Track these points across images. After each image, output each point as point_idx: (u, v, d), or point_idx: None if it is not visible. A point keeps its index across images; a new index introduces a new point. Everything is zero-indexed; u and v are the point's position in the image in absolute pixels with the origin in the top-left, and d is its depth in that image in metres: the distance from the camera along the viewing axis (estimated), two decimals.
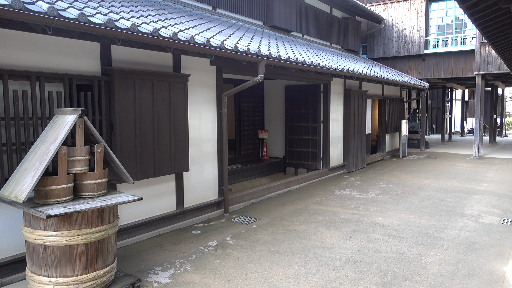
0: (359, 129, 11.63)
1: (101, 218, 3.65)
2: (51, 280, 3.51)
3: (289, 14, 10.71)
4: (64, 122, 3.65)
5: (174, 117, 5.59)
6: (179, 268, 4.53)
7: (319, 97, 10.20)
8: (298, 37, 11.56)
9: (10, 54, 4.06)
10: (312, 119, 10.27)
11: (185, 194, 6.12)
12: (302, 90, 10.36)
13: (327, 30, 13.10)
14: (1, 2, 3.12)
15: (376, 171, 11.40)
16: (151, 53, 5.45)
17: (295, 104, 10.49)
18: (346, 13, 14.15)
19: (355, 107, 11.34)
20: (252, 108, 10.82)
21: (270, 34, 9.55)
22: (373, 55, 16.54)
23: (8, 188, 3.53)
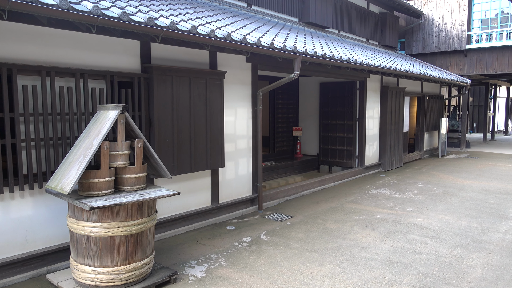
0: (396, 127, 11.34)
1: (140, 211, 3.75)
2: (93, 270, 3.65)
3: (325, 10, 10.57)
4: (107, 117, 3.78)
5: (210, 114, 5.66)
6: (214, 262, 4.59)
7: (355, 94, 10.02)
8: (334, 33, 11.39)
9: (57, 52, 4.24)
10: (347, 116, 10.11)
11: (220, 190, 6.19)
12: (337, 87, 10.22)
13: (364, 26, 12.84)
14: (49, 2, 3.26)
15: (413, 170, 11.08)
16: (189, 51, 5.54)
17: (330, 101, 10.36)
18: (383, 8, 13.80)
19: (392, 104, 11.05)
20: (286, 105, 10.78)
21: (306, 30, 9.46)
22: (412, 51, 16.05)
23: (54, 180, 3.70)
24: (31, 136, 4.05)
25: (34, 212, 4.17)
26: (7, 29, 3.88)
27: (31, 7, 3.16)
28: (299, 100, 11.15)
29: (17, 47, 3.95)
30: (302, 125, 11.10)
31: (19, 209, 4.08)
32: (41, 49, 4.12)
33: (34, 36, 4.05)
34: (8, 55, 3.89)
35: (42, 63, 4.12)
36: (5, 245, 4.00)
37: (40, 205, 4.21)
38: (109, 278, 3.66)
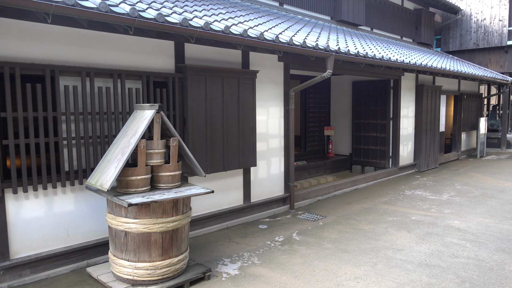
0: (432, 127, 11.01)
1: (175, 209, 3.82)
2: (131, 264, 3.75)
3: (357, 8, 10.40)
4: (143, 117, 3.87)
5: (243, 113, 5.69)
6: (247, 261, 4.61)
7: (388, 93, 9.81)
8: (367, 31, 11.19)
9: (96, 54, 4.39)
10: (381, 115, 9.91)
11: (252, 189, 6.22)
12: (370, 86, 10.04)
13: (398, 23, 12.54)
14: (89, 5, 3.38)
15: (450, 171, 10.72)
16: (221, 50, 5.60)
17: (363, 100, 10.19)
18: (418, 4, 13.43)
19: (428, 103, 10.74)
20: (318, 104, 10.69)
21: (338, 28, 9.35)
22: (448, 48, 15.53)
23: (94, 177, 3.83)
24: (72, 135, 4.21)
25: (75, 208, 4.34)
26: (51, 32, 4.05)
27: (73, 10, 3.28)
28: (331, 99, 11.03)
29: (60, 49, 4.12)
30: (334, 125, 10.97)
31: (61, 204, 4.25)
32: (82, 50, 4.27)
33: (75, 38, 4.21)
34: (51, 56, 4.06)
35: (83, 64, 4.28)
36: (49, 238, 4.18)
37: (80, 201, 4.38)
38: (145, 273, 3.75)
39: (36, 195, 4.08)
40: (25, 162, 3.92)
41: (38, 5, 3.07)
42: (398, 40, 12.52)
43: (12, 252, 3.97)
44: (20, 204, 3.98)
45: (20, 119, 3.84)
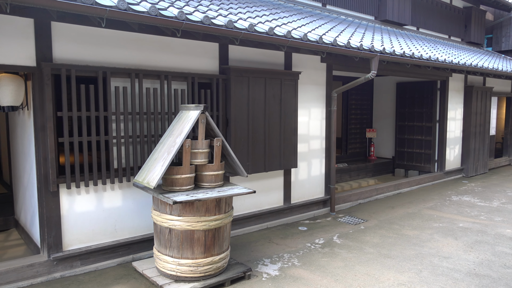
0: (482, 130, 10.50)
1: (218, 208, 3.89)
2: (174, 260, 3.85)
3: (403, 7, 10.10)
4: (188, 117, 3.97)
5: (284, 114, 5.70)
6: (287, 262, 4.61)
7: (435, 94, 9.46)
8: (413, 31, 10.84)
9: (144, 56, 4.55)
10: (426, 118, 9.58)
11: (293, 190, 6.21)
12: (415, 87, 9.72)
13: (446, 22, 12.05)
14: (140, 10, 3.52)
15: (501, 177, 10.18)
16: (264, 52, 5.63)
17: (408, 102, 9.89)
18: (468, 2, 12.84)
19: (477, 105, 10.25)
20: (360, 106, 10.49)
21: (382, 28, 9.13)
22: (500, 47, 14.73)
23: (141, 175, 3.97)
24: (121, 134, 4.39)
25: (122, 204, 4.52)
26: (103, 36, 4.24)
27: (125, 15, 3.43)
28: (374, 100, 10.79)
29: (111, 52, 4.31)
30: (376, 127, 10.72)
31: (110, 200, 4.44)
32: (131, 53, 4.45)
33: (125, 41, 4.39)
34: (103, 59, 4.26)
35: (132, 66, 4.45)
36: (98, 232, 4.38)
37: (127, 198, 4.55)
38: (188, 269, 3.84)
39: (87, 191, 4.29)
40: (78, 159, 4.13)
41: (94, 10, 3.23)
42: (446, 40, 12.04)
43: (65, 244, 4.19)
44: (72, 199, 4.20)
45: (74, 118, 4.06)
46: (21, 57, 3.80)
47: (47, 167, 3.99)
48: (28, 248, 4.82)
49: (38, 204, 4.19)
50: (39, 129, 3.96)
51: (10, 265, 3.93)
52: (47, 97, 3.89)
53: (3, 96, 4.11)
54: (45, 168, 4.01)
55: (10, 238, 5.25)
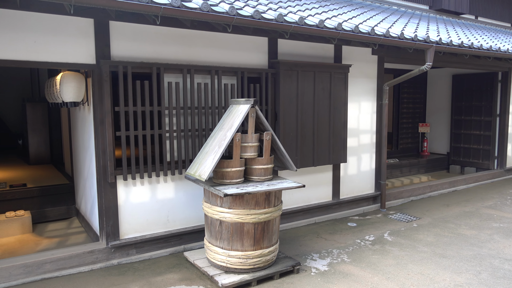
0: None
1: (267, 201, 3.91)
2: (224, 252, 3.93)
3: None
4: (239, 111, 4.02)
5: (334, 108, 5.61)
6: (336, 257, 4.55)
7: (495, 86, 8.88)
8: (471, 20, 10.24)
9: (196, 52, 4.65)
10: (485, 112, 9.03)
11: (342, 186, 6.11)
12: (473, 79, 9.19)
13: (508, 9, 11.26)
14: (193, 6, 3.59)
15: None
16: (313, 45, 5.56)
17: (464, 95, 9.37)
18: None
19: None
20: (413, 99, 10.09)
21: (438, 18, 8.70)
22: None
23: (193, 168, 4.08)
24: (174, 128, 4.53)
25: (174, 196, 4.67)
26: (157, 33, 4.38)
27: (178, 12, 3.51)
28: (427, 93, 10.33)
29: (164, 49, 4.44)
30: (430, 121, 10.27)
31: (163, 192, 4.60)
32: (183, 49, 4.56)
33: (177, 38, 4.51)
34: (156, 55, 4.40)
35: (184, 62, 4.57)
36: (152, 223, 4.56)
37: (179, 190, 4.70)
38: (238, 261, 3.90)
39: (142, 183, 4.47)
40: (133, 152, 4.31)
41: (149, 8, 3.34)
42: (508, 28, 11.26)
43: (122, 233, 4.40)
44: (128, 190, 4.40)
45: (130, 113, 4.23)
46: (82, 55, 4.02)
47: (106, 160, 4.20)
48: (88, 235, 5.12)
49: (97, 195, 4.43)
50: (98, 124, 4.18)
51: (73, 251, 4.19)
52: (105, 93, 4.09)
53: (66, 92, 4.38)
54: (103, 160, 4.23)
55: (72, 225, 5.60)
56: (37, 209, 5.70)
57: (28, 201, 5.68)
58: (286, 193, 5.45)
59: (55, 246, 4.79)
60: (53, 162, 8.20)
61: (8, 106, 11.38)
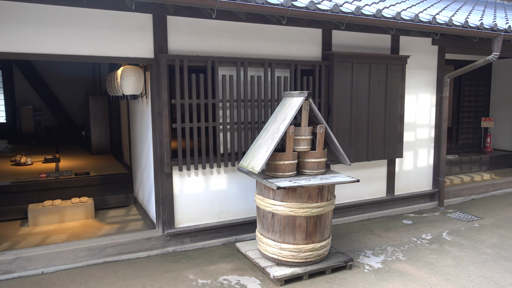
0: None
1: (320, 195, 3.87)
2: (276, 244, 3.94)
3: None
4: (292, 104, 3.99)
5: (390, 101, 5.41)
6: (390, 255, 4.42)
7: None
8: None
9: (249, 45, 4.67)
10: None
11: (396, 181, 5.90)
12: None
13: None
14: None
15: None
16: (369, 36, 5.38)
17: None
18: None
19: None
20: (475, 92, 9.48)
21: (506, 4, 8.10)
22: None
23: (246, 160, 4.12)
24: (227, 120, 4.59)
25: (227, 187, 4.75)
26: (211, 27, 4.45)
27: (234, 5, 3.54)
28: (491, 86, 9.66)
29: (218, 42, 4.50)
30: (494, 115, 9.61)
31: (216, 183, 4.69)
32: (237, 42, 4.60)
33: (231, 31, 4.55)
34: (211, 49, 4.47)
35: (237, 55, 4.60)
36: (205, 213, 4.67)
37: (232, 181, 4.77)
38: (289, 254, 3.90)
39: (196, 174, 4.59)
40: (188, 144, 4.43)
41: (206, 2, 3.39)
42: None
43: (176, 221, 4.55)
44: (183, 180, 4.53)
45: (186, 105, 4.35)
46: (141, 50, 4.18)
47: (163, 150, 4.36)
48: (144, 223, 5.35)
49: (154, 184, 4.61)
50: (156, 116, 4.33)
51: (132, 237, 4.40)
52: (163, 86, 4.22)
53: (126, 85, 4.57)
54: (160, 151, 4.38)
55: (130, 213, 5.88)
56: (99, 196, 6.05)
57: (91, 188, 6.04)
58: (338, 187, 5.36)
59: (115, 231, 5.05)
60: (113, 152, 8.65)
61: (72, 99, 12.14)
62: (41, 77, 11.77)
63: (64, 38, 3.82)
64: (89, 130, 9.11)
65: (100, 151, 8.72)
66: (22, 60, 11.33)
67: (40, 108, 11.71)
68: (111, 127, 8.77)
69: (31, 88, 11.75)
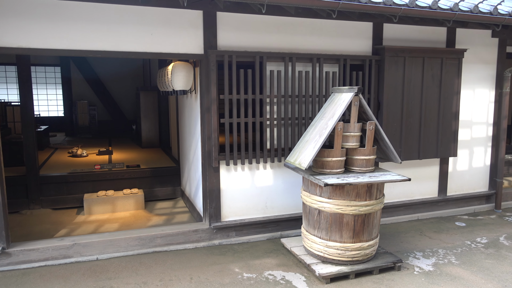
0: None
1: (369, 193, 3.77)
2: (322, 242, 3.90)
3: None
4: (341, 99, 3.91)
5: (444, 97, 5.16)
6: (442, 258, 4.23)
7: None
8: None
9: (297, 40, 4.62)
10: None
11: (449, 181, 5.64)
12: None
13: None
14: None
15: None
16: (423, 29, 5.16)
17: None
18: None
19: None
20: None
21: None
22: None
23: (292, 156, 4.10)
24: (274, 116, 4.58)
25: (273, 183, 4.76)
26: (260, 22, 4.45)
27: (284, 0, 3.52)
28: None
29: (266, 37, 4.50)
30: None
31: (262, 178, 4.71)
32: (285, 37, 4.57)
33: (279, 26, 4.53)
34: (259, 44, 4.47)
35: (285, 50, 4.58)
36: (251, 208, 4.71)
37: (278, 177, 4.77)
38: (336, 252, 3.84)
39: (243, 168, 4.63)
40: (236, 139, 4.47)
41: None
42: None
43: (223, 215, 4.62)
44: (230, 175, 4.59)
45: (234, 101, 4.39)
46: (191, 46, 4.26)
47: (211, 145, 4.43)
48: (191, 215, 5.49)
49: (202, 178, 4.71)
50: (205, 111, 4.41)
51: (180, 229, 4.53)
52: (212, 81, 4.29)
53: (177, 81, 4.69)
54: (208, 145, 4.46)
55: (177, 205, 6.05)
56: (148, 188, 6.27)
57: (141, 180, 6.27)
58: (387, 186, 5.20)
59: (163, 223, 5.22)
60: (161, 146, 8.93)
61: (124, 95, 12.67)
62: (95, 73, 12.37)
63: (119, 36, 3.98)
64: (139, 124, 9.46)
65: (150, 145, 9.04)
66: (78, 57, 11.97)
67: (94, 103, 12.32)
68: (160, 122, 9.06)
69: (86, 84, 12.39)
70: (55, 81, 12.74)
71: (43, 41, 3.77)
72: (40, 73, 12.56)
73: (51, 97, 12.83)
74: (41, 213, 5.62)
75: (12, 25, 3.67)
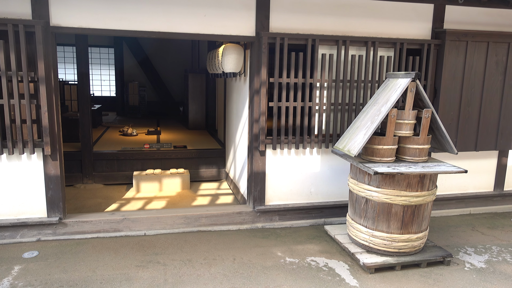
0: None
1: (421, 184, 3.62)
2: (368, 231, 3.80)
3: None
4: (396, 85, 3.75)
5: (509, 86, 4.81)
6: (496, 256, 4.01)
7: None
8: None
9: (351, 23, 4.46)
10: None
11: (508, 176, 5.30)
12: None
13: None
14: None
15: None
16: (489, 11, 4.80)
17: None
18: None
19: None
20: None
21: None
22: None
23: (341, 142, 4.00)
24: (324, 101, 4.48)
25: (319, 169, 4.69)
26: (313, 3, 4.32)
27: None
28: None
29: (319, 20, 4.37)
30: None
31: (308, 164, 4.65)
32: (339, 19, 4.42)
33: (332, 8, 4.38)
34: (311, 27, 4.36)
35: (338, 33, 4.43)
36: (295, 193, 4.67)
37: (324, 164, 4.69)
38: (382, 242, 3.74)
39: (289, 153, 4.59)
40: (284, 123, 4.43)
41: None
42: None
43: (267, 199, 4.63)
44: (276, 159, 4.57)
45: (283, 84, 4.33)
46: (243, 28, 4.23)
47: (258, 128, 4.41)
48: (235, 198, 5.54)
49: (247, 161, 4.72)
50: (254, 94, 4.39)
51: (224, 210, 4.59)
52: (263, 64, 4.24)
53: (227, 63, 4.69)
54: (256, 128, 4.45)
55: (221, 187, 6.14)
56: (194, 169, 6.40)
57: (187, 161, 6.41)
58: (439, 177, 4.97)
59: (208, 203, 5.32)
60: (208, 128, 9.07)
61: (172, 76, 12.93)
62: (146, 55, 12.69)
63: (173, 17, 4.02)
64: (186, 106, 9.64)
65: (196, 127, 9.20)
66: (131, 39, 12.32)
67: (144, 84, 12.68)
68: (207, 104, 9.18)
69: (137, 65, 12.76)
70: (109, 62, 13.22)
71: (102, 22, 3.88)
72: (95, 54, 13.07)
73: (104, 78, 13.35)
74: (93, 187, 5.91)
75: (74, 6, 3.80)
